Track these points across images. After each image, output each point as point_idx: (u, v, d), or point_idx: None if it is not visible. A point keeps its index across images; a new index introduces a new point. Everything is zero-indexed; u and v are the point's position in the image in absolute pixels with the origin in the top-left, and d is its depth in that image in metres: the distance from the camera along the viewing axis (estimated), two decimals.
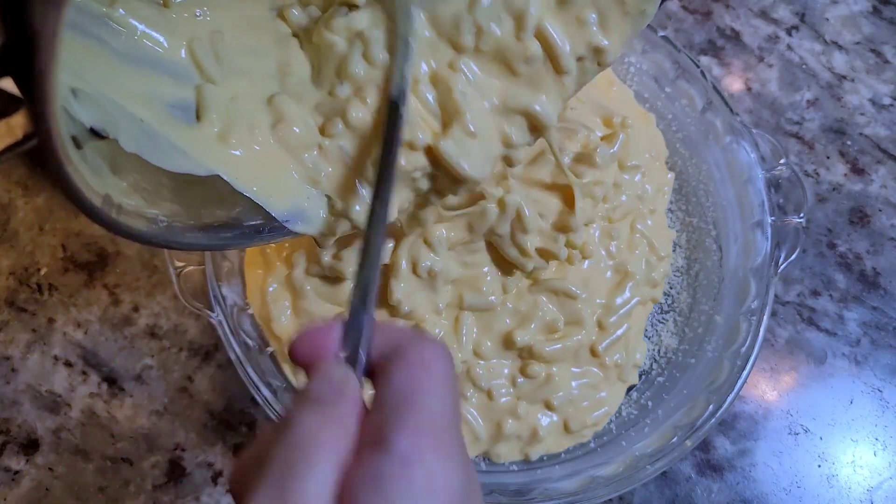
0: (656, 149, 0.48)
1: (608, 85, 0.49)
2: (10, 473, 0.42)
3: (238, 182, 0.27)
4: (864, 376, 0.47)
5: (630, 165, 0.44)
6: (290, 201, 0.29)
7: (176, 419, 0.43)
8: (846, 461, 0.45)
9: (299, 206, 0.30)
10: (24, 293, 0.46)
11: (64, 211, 0.48)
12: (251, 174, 0.28)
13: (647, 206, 0.46)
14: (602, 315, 0.42)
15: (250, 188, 0.28)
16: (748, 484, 0.44)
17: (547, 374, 0.41)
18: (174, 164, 0.26)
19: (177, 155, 0.26)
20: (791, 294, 0.48)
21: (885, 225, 0.51)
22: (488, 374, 0.40)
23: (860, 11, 0.57)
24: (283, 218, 0.29)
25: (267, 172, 0.29)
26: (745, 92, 0.54)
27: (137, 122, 0.25)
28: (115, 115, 0.24)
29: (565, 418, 0.41)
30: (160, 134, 0.26)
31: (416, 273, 0.39)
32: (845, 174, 0.52)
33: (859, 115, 0.54)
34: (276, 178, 0.29)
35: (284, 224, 0.29)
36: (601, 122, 0.46)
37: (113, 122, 0.24)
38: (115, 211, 0.25)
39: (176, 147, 0.26)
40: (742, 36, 0.55)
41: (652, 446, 0.39)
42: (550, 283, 0.41)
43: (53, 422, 0.43)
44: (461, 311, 0.41)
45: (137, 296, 0.46)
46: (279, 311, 0.40)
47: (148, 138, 0.25)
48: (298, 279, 0.40)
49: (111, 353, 0.45)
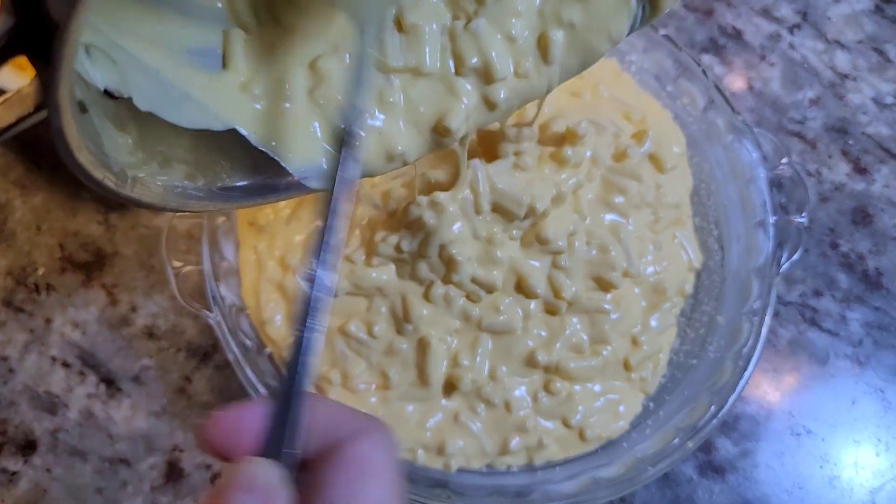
0: (679, 143, 0.46)
1: (616, 75, 0.47)
2: (8, 474, 0.42)
3: (255, 136, 0.26)
4: (867, 377, 0.47)
5: (669, 167, 0.43)
6: (309, 157, 0.28)
7: (174, 420, 0.43)
8: (848, 462, 0.45)
9: (317, 163, 0.28)
10: (21, 293, 0.45)
11: (62, 211, 0.47)
12: (270, 129, 0.27)
13: (684, 211, 0.44)
14: (638, 332, 0.41)
15: (268, 143, 0.27)
16: (750, 485, 0.44)
17: (569, 392, 0.39)
18: (189, 119, 0.25)
19: (192, 108, 0.25)
20: (793, 294, 0.48)
21: (887, 225, 0.50)
22: (503, 391, 0.39)
23: (862, 10, 0.57)
24: (300, 175, 0.28)
25: (287, 128, 0.27)
26: (747, 91, 0.54)
27: (152, 74, 0.24)
28: (128, 69, 0.23)
29: (581, 428, 0.40)
30: (175, 86, 0.25)
31: (428, 299, 0.39)
32: (848, 174, 0.52)
33: (862, 115, 0.53)
34: (295, 134, 0.28)
35: (302, 181, 0.28)
36: (622, 117, 0.44)
37: (126, 80, 0.23)
38: (129, 186, 0.23)
39: (192, 99, 0.25)
40: (744, 34, 0.55)
41: (653, 448, 0.39)
42: (582, 303, 0.40)
43: (51, 422, 0.43)
44: (479, 332, 0.39)
45: (135, 296, 0.46)
46: (272, 313, 0.40)
47: (162, 92, 0.24)
48: (290, 286, 0.39)
49: (109, 353, 0.44)
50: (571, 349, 0.40)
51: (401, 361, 0.38)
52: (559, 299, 0.39)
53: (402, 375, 0.39)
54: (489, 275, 0.38)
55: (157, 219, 0.47)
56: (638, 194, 0.41)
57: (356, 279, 0.38)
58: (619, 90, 0.46)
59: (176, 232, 0.39)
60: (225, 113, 0.26)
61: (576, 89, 0.45)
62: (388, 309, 0.39)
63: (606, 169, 0.41)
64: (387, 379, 0.38)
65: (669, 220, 0.43)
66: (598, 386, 0.40)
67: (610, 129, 0.42)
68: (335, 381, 0.38)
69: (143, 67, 0.24)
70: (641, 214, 0.42)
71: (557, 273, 0.39)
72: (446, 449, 0.38)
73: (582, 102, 0.45)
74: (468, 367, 0.38)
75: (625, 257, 0.40)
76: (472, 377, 0.38)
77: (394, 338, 0.39)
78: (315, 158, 0.28)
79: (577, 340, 0.40)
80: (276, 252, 0.40)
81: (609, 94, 0.45)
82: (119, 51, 0.23)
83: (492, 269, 0.38)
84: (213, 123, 0.26)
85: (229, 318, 0.38)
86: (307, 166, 0.28)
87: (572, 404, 0.39)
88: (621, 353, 0.40)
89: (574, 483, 0.38)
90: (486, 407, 0.39)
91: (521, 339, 0.39)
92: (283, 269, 0.40)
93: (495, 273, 0.38)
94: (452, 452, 0.38)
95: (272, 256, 0.40)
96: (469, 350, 0.39)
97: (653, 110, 0.46)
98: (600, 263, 0.39)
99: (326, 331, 0.38)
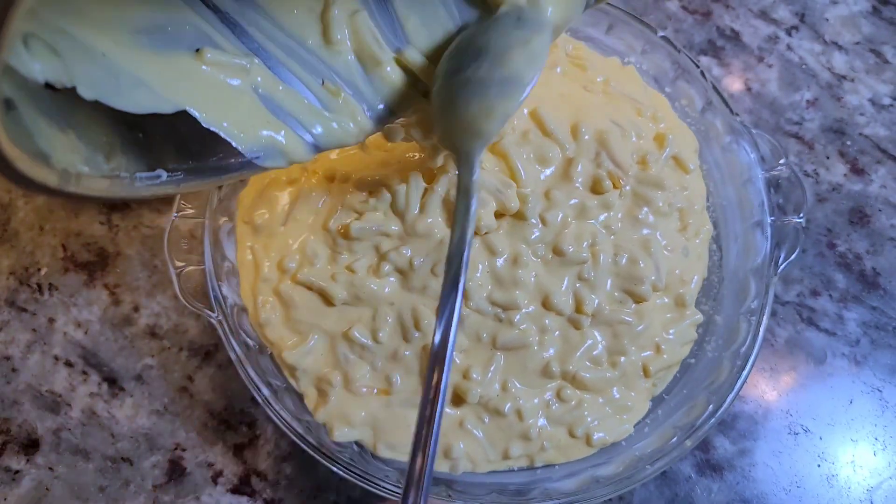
0: (692, 141, 0.46)
1: (619, 68, 0.47)
2: (11, 473, 0.42)
3: (206, 118, 0.26)
4: (864, 376, 0.47)
5: (692, 168, 0.43)
6: (260, 136, 0.28)
7: (176, 419, 0.43)
8: (846, 461, 0.45)
9: (268, 142, 0.29)
10: (24, 293, 0.46)
11: (64, 211, 0.48)
12: (220, 110, 0.27)
13: (705, 214, 0.44)
14: (660, 341, 0.41)
15: (219, 124, 0.27)
16: (748, 484, 0.44)
17: (579, 400, 0.39)
18: (138, 104, 0.25)
19: (141, 92, 0.25)
20: (791, 294, 0.48)
21: (884, 225, 0.51)
22: (514, 401, 0.38)
23: (860, 11, 0.57)
24: (252, 155, 0.28)
25: (238, 106, 0.27)
26: (745, 92, 0.54)
27: (98, 59, 0.24)
28: (71, 57, 0.23)
29: (588, 435, 0.39)
30: (123, 69, 0.24)
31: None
32: (845, 174, 0.52)
33: (859, 116, 0.54)
34: (246, 114, 0.28)
35: (254, 161, 0.28)
36: (635, 114, 0.44)
37: (69, 69, 0.22)
38: (74, 182, 0.23)
39: (140, 82, 0.25)
40: (742, 36, 0.55)
41: (652, 446, 0.39)
42: (605, 315, 0.39)
43: (54, 422, 0.43)
44: (494, 351, 0.39)
45: (138, 295, 0.46)
46: (269, 315, 0.39)
47: (109, 77, 0.24)
48: (286, 291, 0.39)
49: (111, 353, 0.45)
50: (589, 360, 0.39)
51: (404, 368, 0.38)
52: (581, 314, 0.39)
53: (405, 382, 0.38)
54: (509, 295, 0.38)
55: (160, 219, 0.47)
56: (665, 202, 0.41)
57: (356, 290, 0.38)
58: (626, 84, 0.46)
59: (178, 232, 0.39)
60: (175, 95, 0.25)
61: (587, 83, 0.45)
62: (396, 317, 0.39)
63: (634, 180, 0.41)
64: (390, 384, 0.38)
65: (697, 226, 0.43)
66: (611, 394, 0.40)
67: (629, 129, 0.42)
68: (336, 384, 0.38)
69: (90, 54, 0.24)
70: (669, 222, 0.42)
71: (581, 285, 0.39)
72: (452, 453, 0.38)
73: (596, 99, 0.44)
74: (478, 381, 0.38)
75: (653, 269, 0.40)
76: (482, 391, 0.38)
77: (399, 344, 0.38)
78: (266, 137, 0.28)
79: (597, 352, 0.39)
80: (272, 253, 0.40)
81: (618, 90, 0.45)
82: (63, 38, 0.23)
83: (513, 290, 0.38)
84: (162, 107, 0.25)
85: (231, 318, 0.38)
86: (259, 145, 0.28)
87: (581, 412, 0.39)
88: (640, 362, 0.40)
89: (573, 481, 0.38)
90: (494, 416, 0.38)
91: (537, 353, 0.39)
92: (280, 273, 0.40)
93: (517, 293, 0.38)
94: (458, 456, 0.38)
95: (269, 257, 0.40)
96: (481, 366, 0.38)
97: (662, 106, 0.46)
98: (628, 276, 0.39)
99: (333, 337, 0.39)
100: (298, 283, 0.39)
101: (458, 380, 0.38)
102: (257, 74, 0.29)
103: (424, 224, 0.38)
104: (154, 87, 0.25)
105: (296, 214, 0.41)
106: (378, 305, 0.38)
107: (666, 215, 0.41)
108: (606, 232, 0.40)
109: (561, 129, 0.40)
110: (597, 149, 0.40)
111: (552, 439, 0.39)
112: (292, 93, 0.30)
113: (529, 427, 0.38)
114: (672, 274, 0.41)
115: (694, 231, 0.43)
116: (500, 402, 0.38)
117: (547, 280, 0.39)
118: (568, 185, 0.40)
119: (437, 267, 0.38)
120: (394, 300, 0.38)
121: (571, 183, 0.40)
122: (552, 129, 0.40)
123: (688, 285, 0.42)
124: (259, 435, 0.43)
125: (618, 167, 0.40)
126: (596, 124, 0.41)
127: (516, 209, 0.38)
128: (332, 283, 0.38)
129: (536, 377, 0.39)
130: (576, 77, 0.45)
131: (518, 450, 0.39)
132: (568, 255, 0.38)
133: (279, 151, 0.29)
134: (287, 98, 0.30)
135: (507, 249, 0.39)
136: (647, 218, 0.41)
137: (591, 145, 0.40)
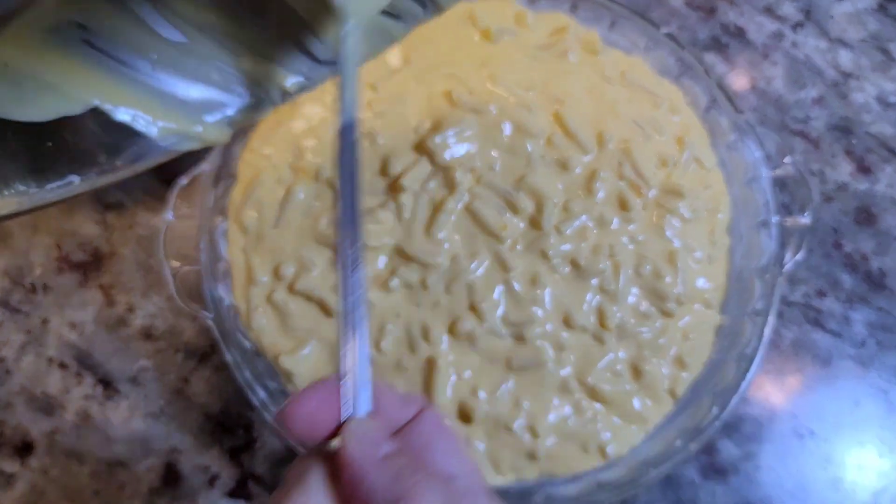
0: (704, 138, 0.45)
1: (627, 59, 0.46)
2: (4, 476, 0.42)
3: (118, 110, 0.26)
4: (870, 378, 0.46)
5: (709, 167, 0.42)
6: (174, 122, 0.28)
7: (172, 422, 0.43)
8: (852, 464, 0.44)
9: (182, 127, 0.28)
10: (18, 293, 0.45)
11: (58, 210, 0.47)
12: (132, 99, 0.26)
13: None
14: (683, 354, 0.40)
15: (130, 115, 0.26)
16: (753, 487, 0.43)
17: (594, 412, 0.38)
18: (43, 111, 0.24)
19: (47, 97, 0.24)
20: (796, 295, 0.48)
21: (891, 225, 0.50)
22: (526, 419, 0.38)
23: (865, 8, 0.56)
24: (169, 145, 0.28)
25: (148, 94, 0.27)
26: (749, 90, 0.53)
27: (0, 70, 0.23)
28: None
29: (601, 447, 0.38)
30: (26, 76, 0.23)
31: (452, 332, 0.38)
32: (851, 173, 0.51)
33: (865, 114, 0.53)
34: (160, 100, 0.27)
35: (170, 148, 0.28)
36: (650, 108, 0.43)
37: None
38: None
39: (47, 86, 0.24)
40: (747, 33, 0.55)
41: (655, 450, 0.38)
42: (628, 329, 0.39)
43: (48, 424, 0.43)
44: (507, 373, 0.38)
45: (132, 296, 0.45)
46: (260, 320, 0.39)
47: (12, 88, 0.23)
48: (281, 300, 0.38)
49: (106, 354, 0.44)
50: (611, 373, 0.38)
51: (405, 379, 0.38)
52: (605, 329, 0.38)
53: (406, 391, 0.37)
54: (525, 312, 0.37)
55: (155, 219, 0.47)
56: (690, 208, 0.40)
57: None
58: (638, 75, 0.45)
59: (174, 232, 0.38)
60: (83, 90, 0.25)
61: (604, 72, 0.44)
62: (404, 331, 0.38)
63: (657, 190, 0.40)
64: None
65: (723, 229, 0.43)
66: (631, 406, 0.39)
67: (651, 131, 0.41)
68: None
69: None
70: (698, 226, 0.41)
71: (603, 298, 0.38)
72: None
73: (617, 92, 0.44)
74: (485, 400, 0.37)
75: (679, 282, 0.39)
76: (488, 409, 0.37)
77: (404, 354, 0.38)
78: (180, 123, 0.28)
79: (620, 367, 0.39)
80: (264, 256, 0.39)
81: (636, 81, 0.45)
82: None
83: (528, 307, 0.38)
84: (72, 108, 0.25)
85: (227, 319, 0.38)
86: (173, 132, 0.28)
87: (595, 426, 0.38)
88: (662, 370, 0.39)
89: (576, 486, 0.37)
90: (503, 433, 0.37)
91: (554, 371, 0.38)
92: (275, 280, 0.39)
93: (534, 310, 0.38)
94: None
95: (261, 261, 0.39)
96: (489, 385, 0.37)
97: (676, 97, 0.45)
98: (653, 290, 0.39)
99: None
100: (296, 293, 0.38)
101: (462, 396, 0.37)
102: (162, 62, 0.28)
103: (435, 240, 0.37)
104: (63, 88, 0.24)
105: (287, 216, 0.40)
106: (384, 317, 0.38)
107: (691, 221, 0.41)
108: (629, 242, 0.39)
109: (584, 132, 0.40)
110: (620, 158, 0.40)
111: (560, 457, 0.38)
112: (199, 75, 0.29)
113: (537, 446, 0.37)
114: (694, 284, 0.41)
115: (720, 233, 0.42)
116: (511, 418, 0.37)
117: (567, 297, 0.38)
118: (589, 199, 0.39)
119: (452, 285, 0.37)
120: (400, 312, 0.38)
121: (592, 197, 0.39)
122: (575, 131, 0.40)
123: (711, 291, 0.41)
124: (256, 438, 0.43)
125: (639, 177, 0.39)
126: (620, 129, 0.40)
127: (531, 212, 0.37)
128: (333, 294, 0.37)
129: (553, 393, 0.38)
130: (593, 65, 0.44)
131: (522, 468, 0.38)
132: (587, 268, 0.38)
133: (192, 136, 0.29)
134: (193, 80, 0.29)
135: (521, 265, 0.38)
136: (673, 225, 0.40)
137: (615, 155, 0.40)
